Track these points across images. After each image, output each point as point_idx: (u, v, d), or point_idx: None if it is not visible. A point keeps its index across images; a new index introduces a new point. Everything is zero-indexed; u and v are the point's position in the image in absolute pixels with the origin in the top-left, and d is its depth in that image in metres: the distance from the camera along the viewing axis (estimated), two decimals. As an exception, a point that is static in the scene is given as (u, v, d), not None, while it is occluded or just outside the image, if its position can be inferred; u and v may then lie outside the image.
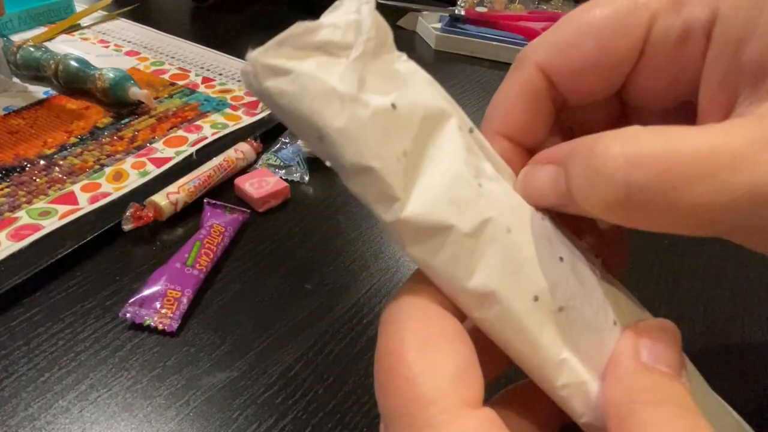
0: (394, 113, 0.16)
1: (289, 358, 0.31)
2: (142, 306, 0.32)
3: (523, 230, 0.17)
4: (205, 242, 0.36)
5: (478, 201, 0.16)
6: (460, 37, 0.69)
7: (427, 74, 0.17)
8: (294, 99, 0.15)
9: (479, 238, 0.16)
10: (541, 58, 0.18)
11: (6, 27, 0.61)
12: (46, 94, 0.52)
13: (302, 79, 0.15)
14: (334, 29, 0.16)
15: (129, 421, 0.28)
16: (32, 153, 0.44)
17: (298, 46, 0.15)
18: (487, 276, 0.16)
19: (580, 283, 0.17)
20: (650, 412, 0.14)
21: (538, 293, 0.16)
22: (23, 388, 0.29)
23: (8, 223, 0.37)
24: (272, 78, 0.15)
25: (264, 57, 0.15)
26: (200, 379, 0.30)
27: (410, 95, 0.16)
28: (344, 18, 0.16)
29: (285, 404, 0.29)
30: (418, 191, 0.16)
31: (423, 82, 0.17)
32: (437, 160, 0.16)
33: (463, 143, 0.17)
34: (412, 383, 0.14)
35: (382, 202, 0.15)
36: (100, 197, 0.40)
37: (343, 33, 0.16)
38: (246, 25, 0.72)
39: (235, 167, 0.43)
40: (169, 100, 0.52)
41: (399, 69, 0.17)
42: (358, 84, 0.15)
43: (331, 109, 0.15)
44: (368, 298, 0.35)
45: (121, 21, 0.68)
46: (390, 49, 0.17)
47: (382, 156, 0.15)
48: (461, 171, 0.16)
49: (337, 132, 0.15)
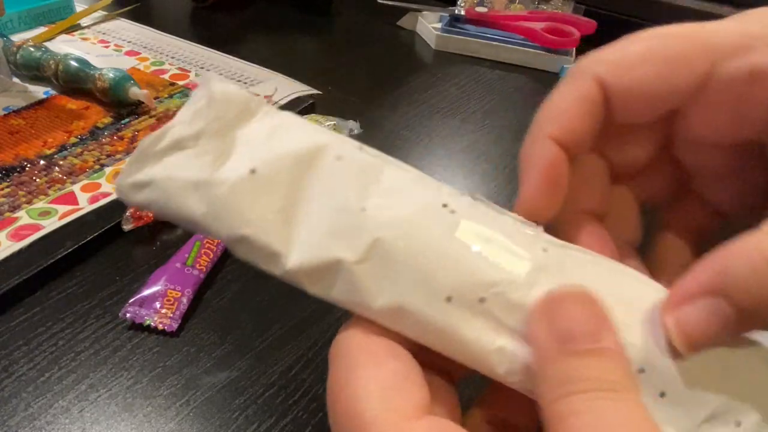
0: (255, 177, 0.16)
1: (289, 358, 0.31)
2: (142, 306, 0.32)
3: (420, 234, 0.16)
4: (205, 242, 0.36)
5: (363, 224, 0.16)
6: (460, 37, 0.69)
7: (299, 117, 0.18)
8: (162, 203, 0.16)
9: (371, 260, 0.16)
10: (601, 73, 0.19)
11: (6, 27, 0.61)
12: (46, 94, 0.52)
13: (161, 184, 0.16)
14: (182, 126, 0.17)
15: (129, 421, 0.28)
16: (32, 153, 0.44)
17: (152, 155, 0.17)
18: (390, 293, 0.16)
19: (503, 265, 0.16)
20: (570, 405, 0.13)
21: (451, 293, 0.16)
22: (23, 388, 0.29)
23: (8, 223, 0.37)
24: (138, 192, 0.17)
25: (125, 178, 0.17)
26: (200, 379, 0.30)
27: (275, 149, 0.17)
28: (192, 109, 0.17)
29: (285, 404, 0.29)
30: (299, 238, 0.16)
31: (295, 126, 0.18)
32: (315, 199, 0.17)
33: (345, 169, 0.17)
34: (350, 411, 0.15)
35: (268, 261, 0.17)
36: (100, 197, 0.40)
37: (190, 124, 0.17)
38: (246, 25, 0.72)
39: (235, 167, 0.43)
40: (169, 100, 0.52)
41: (264, 128, 0.17)
42: (212, 165, 0.16)
43: (192, 199, 0.16)
44: (368, 298, 0.35)
45: (121, 21, 0.68)
46: (252, 112, 0.18)
47: (252, 222, 0.16)
48: (339, 202, 0.16)
49: (204, 217, 0.16)
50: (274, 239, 0.16)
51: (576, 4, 0.76)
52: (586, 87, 0.19)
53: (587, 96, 0.19)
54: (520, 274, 0.16)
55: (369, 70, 0.64)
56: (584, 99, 0.19)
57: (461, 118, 0.56)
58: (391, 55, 0.69)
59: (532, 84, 0.65)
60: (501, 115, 0.58)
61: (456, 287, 0.16)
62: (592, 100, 0.19)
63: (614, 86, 0.19)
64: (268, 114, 0.18)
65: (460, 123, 0.55)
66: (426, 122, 0.55)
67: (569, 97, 0.19)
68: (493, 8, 0.74)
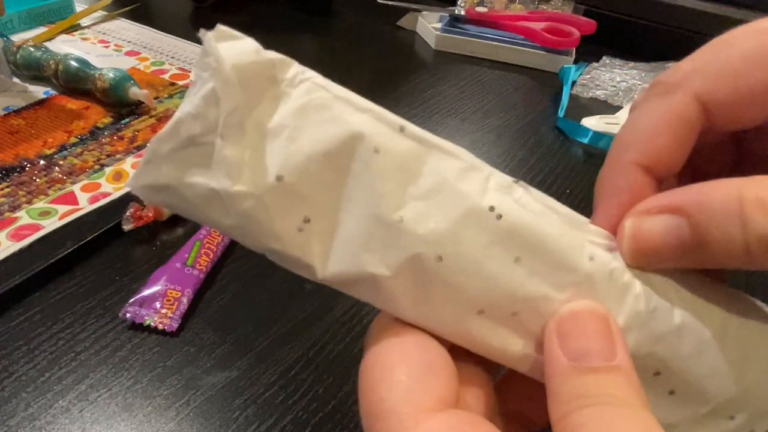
0: (282, 186, 0.15)
1: (289, 358, 0.31)
2: (142, 306, 0.32)
3: (460, 251, 0.15)
4: (205, 242, 0.36)
5: (400, 239, 0.15)
6: (460, 37, 0.69)
7: (330, 84, 0.16)
8: (186, 211, 0.15)
9: (406, 276, 0.15)
10: (700, 87, 0.17)
11: (6, 27, 0.61)
12: (46, 94, 0.52)
13: (179, 191, 0.15)
14: (194, 121, 0.15)
15: (129, 421, 0.28)
16: (32, 153, 0.44)
17: (164, 156, 0.15)
18: (423, 306, 0.16)
19: (543, 279, 0.16)
20: (580, 419, 0.14)
21: (484, 307, 0.15)
22: (23, 388, 0.29)
23: (8, 223, 0.37)
24: (155, 194, 0.15)
25: (138, 181, 0.15)
26: (200, 379, 0.30)
27: (304, 146, 0.15)
28: (201, 94, 0.15)
29: (285, 404, 0.29)
30: (331, 251, 0.16)
31: (328, 104, 0.15)
32: (349, 206, 0.15)
33: (382, 166, 0.15)
34: (375, 397, 0.15)
35: (301, 271, 0.16)
36: (100, 197, 0.40)
37: (202, 118, 0.15)
38: (246, 25, 0.72)
39: (235, 167, 0.43)
40: (169, 100, 0.52)
41: (291, 110, 0.15)
42: (235, 170, 0.14)
43: (217, 211, 0.15)
44: (368, 298, 0.35)
45: (121, 21, 0.68)
46: (277, 83, 0.15)
47: (281, 237, 0.15)
48: (374, 210, 0.15)
49: (232, 229, 0.15)
50: (303, 252, 0.15)
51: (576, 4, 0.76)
52: (681, 106, 0.17)
53: (683, 116, 0.17)
54: (559, 289, 0.16)
55: (369, 70, 0.64)
56: (680, 120, 0.17)
57: (461, 118, 0.56)
58: (391, 55, 0.69)
59: (532, 84, 0.65)
60: (501, 115, 0.58)
61: (490, 303, 0.15)
62: (689, 121, 0.17)
63: (719, 99, 0.17)
64: (297, 85, 0.15)
65: (460, 123, 0.55)
66: (426, 122, 0.55)
67: (660, 117, 0.17)
68: (493, 8, 0.74)
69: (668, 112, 0.17)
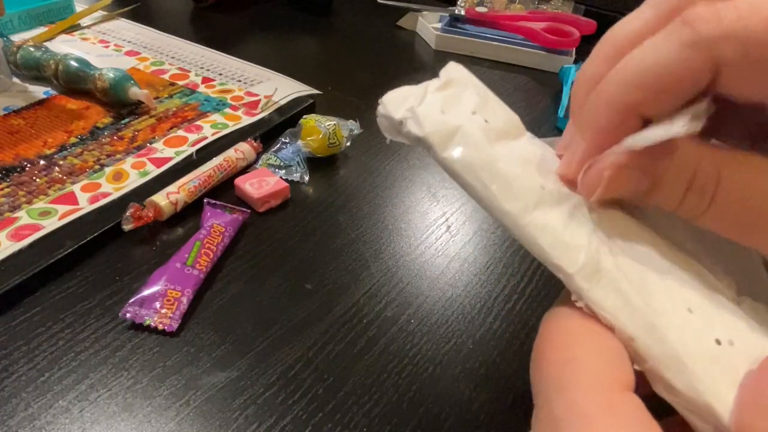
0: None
1: (289, 358, 0.31)
2: (142, 306, 0.32)
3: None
4: (205, 242, 0.36)
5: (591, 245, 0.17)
6: (460, 37, 0.69)
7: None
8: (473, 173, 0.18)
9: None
10: (724, 53, 0.15)
11: (6, 27, 0.61)
12: (46, 94, 0.52)
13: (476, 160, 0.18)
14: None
15: (129, 421, 0.28)
16: (32, 153, 0.44)
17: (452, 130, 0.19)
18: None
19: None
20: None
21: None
22: (23, 388, 0.29)
23: (8, 223, 0.37)
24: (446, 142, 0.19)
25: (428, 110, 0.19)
26: (200, 379, 0.30)
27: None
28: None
29: (285, 404, 0.29)
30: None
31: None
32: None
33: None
34: (560, 373, 0.16)
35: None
36: (100, 197, 0.40)
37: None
38: (246, 25, 0.72)
39: (235, 167, 0.43)
40: (169, 100, 0.52)
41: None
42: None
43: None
44: (368, 298, 0.35)
45: (121, 21, 0.68)
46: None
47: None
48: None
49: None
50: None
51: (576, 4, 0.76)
52: (698, 65, 0.15)
53: (696, 75, 0.15)
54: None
55: (369, 70, 0.64)
56: (693, 79, 0.15)
57: (461, 118, 0.56)
58: (391, 55, 0.69)
59: (532, 84, 0.65)
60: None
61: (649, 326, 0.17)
62: (698, 81, 0.15)
63: (737, 68, 0.15)
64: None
65: (460, 123, 0.55)
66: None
67: (674, 71, 0.15)
68: (493, 8, 0.74)
69: (684, 68, 0.15)
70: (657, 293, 0.17)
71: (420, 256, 0.39)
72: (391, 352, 0.32)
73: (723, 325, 0.17)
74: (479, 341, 0.33)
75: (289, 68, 0.58)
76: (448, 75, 0.20)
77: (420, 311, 0.35)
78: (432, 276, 0.37)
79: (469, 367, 0.32)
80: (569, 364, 0.16)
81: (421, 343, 0.33)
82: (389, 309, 0.35)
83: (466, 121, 0.18)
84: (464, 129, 0.18)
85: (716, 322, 0.17)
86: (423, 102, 0.19)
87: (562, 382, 0.15)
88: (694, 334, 0.16)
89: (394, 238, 0.40)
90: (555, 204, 0.18)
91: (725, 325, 0.17)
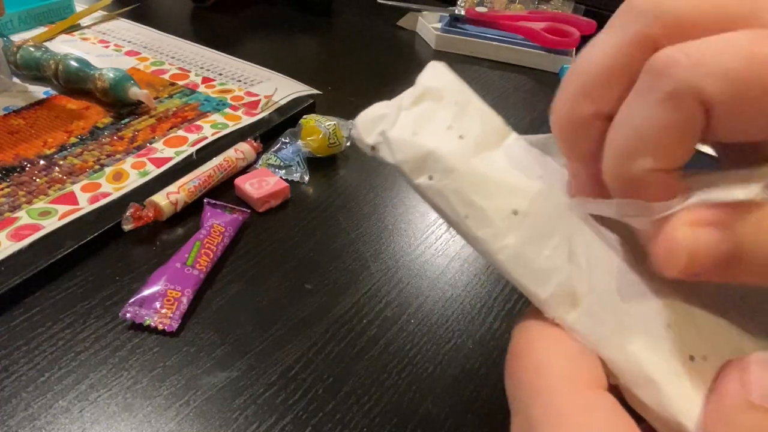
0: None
1: (289, 358, 0.31)
2: (142, 306, 0.32)
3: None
4: (205, 242, 0.36)
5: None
6: (460, 37, 0.69)
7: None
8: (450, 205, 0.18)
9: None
10: (708, 90, 0.13)
11: (6, 27, 0.61)
12: (46, 94, 0.52)
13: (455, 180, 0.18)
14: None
15: (129, 421, 0.28)
16: (32, 153, 0.44)
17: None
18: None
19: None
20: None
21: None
22: (23, 388, 0.29)
23: (8, 223, 0.37)
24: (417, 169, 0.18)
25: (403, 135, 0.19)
26: (200, 379, 0.30)
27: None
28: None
29: (285, 404, 0.29)
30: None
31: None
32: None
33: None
34: (533, 376, 0.16)
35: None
36: (100, 197, 0.40)
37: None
38: (246, 25, 0.72)
39: (235, 167, 0.43)
40: (169, 100, 0.52)
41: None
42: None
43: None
44: (368, 298, 0.35)
45: (121, 21, 0.68)
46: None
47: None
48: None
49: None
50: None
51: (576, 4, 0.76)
52: (689, 113, 0.14)
53: (689, 125, 0.14)
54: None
55: (369, 70, 0.64)
56: (685, 129, 0.14)
57: (461, 118, 0.56)
58: (391, 55, 0.69)
59: (532, 84, 0.65)
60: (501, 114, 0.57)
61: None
62: (694, 131, 0.14)
63: (725, 104, 0.14)
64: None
65: (460, 123, 0.55)
66: (426, 122, 0.54)
67: (666, 124, 0.14)
68: (493, 8, 0.74)
69: (675, 119, 0.14)
70: (632, 312, 0.17)
71: (420, 256, 0.39)
72: (391, 352, 0.32)
73: (700, 340, 0.17)
74: (479, 341, 0.33)
75: (289, 68, 0.58)
76: (424, 83, 0.19)
77: (420, 311, 0.35)
78: (432, 276, 0.37)
79: (469, 367, 0.32)
80: (541, 368, 0.16)
81: (421, 343, 0.33)
82: (389, 309, 0.35)
83: (439, 143, 0.18)
84: (436, 153, 0.18)
85: (692, 338, 0.17)
86: (395, 124, 0.18)
87: (536, 386, 0.15)
88: (667, 351, 0.16)
89: (394, 238, 0.40)
90: (529, 228, 0.17)
91: (702, 340, 0.17)
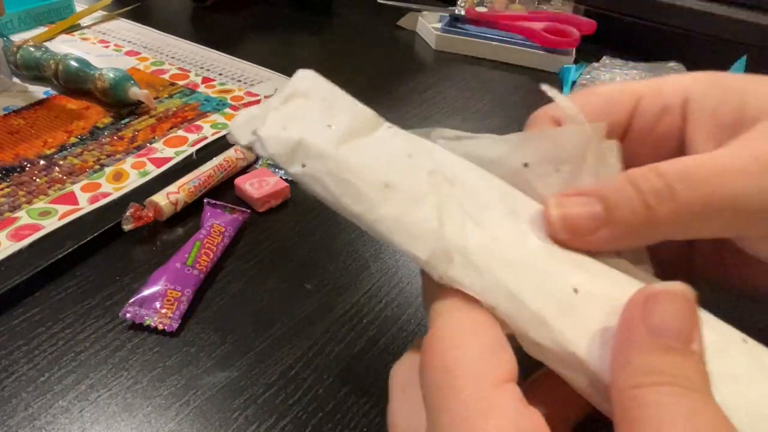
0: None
1: (289, 358, 0.31)
2: (142, 306, 0.32)
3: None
4: (205, 242, 0.36)
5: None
6: (460, 37, 0.69)
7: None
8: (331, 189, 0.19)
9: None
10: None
11: (6, 27, 0.61)
12: (46, 94, 0.52)
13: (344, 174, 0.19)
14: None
15: (129, 421, 0.28)
16: (32, 153, 0.44)
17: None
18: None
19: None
20: (653, 395, 0.14)
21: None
22: (23, 388, 0.29)
23: (8, 223, 0.37)
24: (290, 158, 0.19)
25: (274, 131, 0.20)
26: (200, 379, 0.30)
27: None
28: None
29: (285, 404, 0.29)
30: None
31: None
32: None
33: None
34: (444, 371, 0.16)
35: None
36: (100, 197, 0.40)
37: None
38: (246, 25, 0.72)
39: (235, 167, 0.43)
40: (169, 100, 0.52)
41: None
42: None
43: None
44: (368, 298, 0.35)
45: (121, 21, 0.68)
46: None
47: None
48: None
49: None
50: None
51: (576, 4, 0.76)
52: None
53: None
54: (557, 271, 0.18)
55: (369, 70, 0.64)
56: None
57: (461, 118, 0.56)
58: (391, 55, 0.69)
59: (532, 84, 0.65)
60: (501, 115, 0.58)
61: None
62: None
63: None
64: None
65: (460, 123, 0.55)
66: (426, 122, 0.55)
67: None
68: (493, 8, 0.74)
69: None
70: (512, 256, 0.17)
71: (420, 256, 0.39)
72: (391, 352, 0.32)
73: (580, 273, 0.17)
74: (479, 341, 0.33)
75: (289, 68, 0.58)
76: (292, 87, 0.21)
77: (420, 311, 0.35)
78: (432, 276, 0.37)
79: (469, 367, 0.32)
80: (448, 369, 0.16)
81: (421, 343, 0.33)
82: (389, 309, 0.35)
83: (306, 133, 0.19)
84: (305, 141, 0.19)
85: (573, 272, 0.17)
86: (265, 123, 0.19)
87: (443, 389, 0.16)
88: (550, 287, 0.17)
89: (394, 238, 0.40)
90: (401, 196, 0.18)
91: (582, 272, 0.18)
